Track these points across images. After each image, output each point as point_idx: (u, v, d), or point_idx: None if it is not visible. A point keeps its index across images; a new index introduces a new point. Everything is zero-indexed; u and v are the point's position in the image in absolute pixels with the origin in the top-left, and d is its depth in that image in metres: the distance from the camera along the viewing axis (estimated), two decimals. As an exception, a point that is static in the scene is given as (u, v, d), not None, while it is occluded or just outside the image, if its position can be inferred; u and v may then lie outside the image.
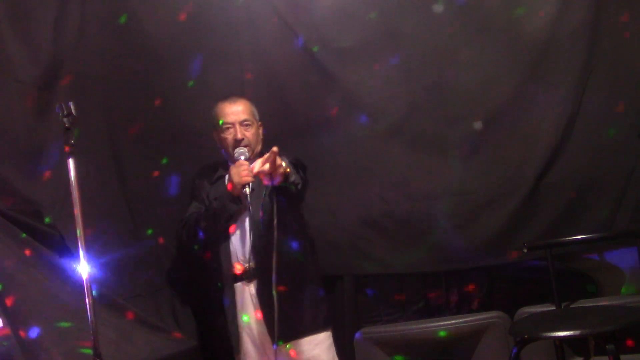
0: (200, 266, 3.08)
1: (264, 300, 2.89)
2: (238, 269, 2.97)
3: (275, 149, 2.67)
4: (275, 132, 3.36)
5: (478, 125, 3.22)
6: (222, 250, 2.98)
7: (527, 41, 3.16)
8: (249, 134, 3.05)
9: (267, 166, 2.70)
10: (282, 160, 2.77)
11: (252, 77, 3.39)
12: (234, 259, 2.98)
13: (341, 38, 3.29)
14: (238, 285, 2.97)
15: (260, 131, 3.13)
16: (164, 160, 3.33)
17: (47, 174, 2.70)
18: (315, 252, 3.17)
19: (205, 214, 3.01)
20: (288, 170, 2.80)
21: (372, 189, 3.34)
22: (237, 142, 3.01)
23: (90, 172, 2.84)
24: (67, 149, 2.23)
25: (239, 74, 3.39)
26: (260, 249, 2.91)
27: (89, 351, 2.17)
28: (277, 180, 2.74)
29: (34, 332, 2.31)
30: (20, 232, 2.48)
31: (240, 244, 2.97)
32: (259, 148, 3.09)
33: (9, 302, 2.29)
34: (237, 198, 2.92)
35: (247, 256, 2.94)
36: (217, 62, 3.36)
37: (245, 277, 2.96)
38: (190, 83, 3.34)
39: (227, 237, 2.99)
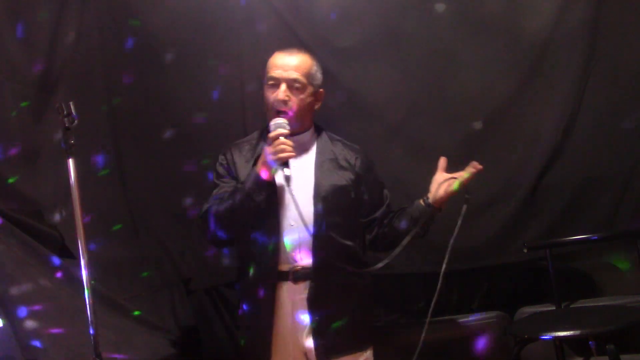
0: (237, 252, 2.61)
1: (313, 306, 2.43)
2: (285, 266, 2.45)
3: (478, 166, 2.31)
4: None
5: (478, 125, 3.22)
6: (269, 241, 2.42)
7: (527, 41, 3.16)
8: (297, 99, 2.46)
9: (441, 190, 2.34)
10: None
11: (252, 77, 3.39)
12: (281, 254, 2.44)
13: (341, 38, 3.29)
14: (281, 284, 2.46)
15: (318, 103, 2.55)
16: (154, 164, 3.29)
17: (47, 174, 2.70)
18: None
19: (231, 193, 2.42)
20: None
21: (372, 189, 3.33)
22: (278, 105, 2.44)
23: (90, 172, 2.84)
24: (67, 149, 2.22)
25: (238, 74, 3.39)
26: (311, 246, 2.42)
27: (88, 351, 2.16)
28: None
29: (33, 332, 2.31)
30: (20, 232, 2.48)
31: (291, 237, 2.44)
32: (306, 120, 2.54)
33: (9, 302, 2.29)
34: (267, 184, 2.37)
35: (299, 253, 2.44)
36: (217, 62, 3.36)
37: (293, 277, 2.45)
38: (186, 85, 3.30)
39: (274, 223, 2.42)
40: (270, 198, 2.41)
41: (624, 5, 3.08)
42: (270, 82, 2.50)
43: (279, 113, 2.45)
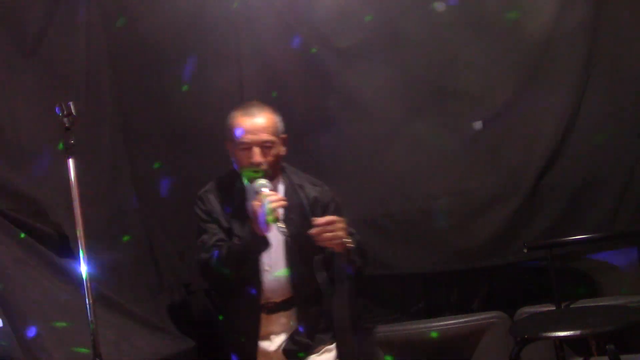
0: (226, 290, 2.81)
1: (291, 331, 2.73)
2: (271, 300, 2.71)
3: (331, 219, 2.51)
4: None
5: (478, 125, 3.22)
6: (254, 279, 2.67)
7: (527, 41, 3.16)
8: (269, 157, 2.64)
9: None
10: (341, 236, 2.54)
11: (252, 77, 3.40)
12: (267, 291, 2.70)
13: (341, 38, 3.29)
14: (266, 315, 2.72)
15: (282, 149, 2.74)
16: (157, 165, 3.30)
17: (47, 174, 2.70)
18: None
19: (227, 254, 2.62)
20: (348, 245, 2.58)
21: (372, 189, 3.34)
22: (253, 166, 2.62)
23: (91, 172, 2.84)
24: (67, 149, 2.22)
25: (238, 74, 3.39)
26: (297, 282, 2.70)
27: (87, 350, 2.17)
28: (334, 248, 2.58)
29: (33, 332, 2.31)
30: (19, 232, 2.48)
31: (269, 276, 2.69)
32: (277, 170, 2.75)
33: (8, 302, 2.29)
34: (264, 238, 2.57)
35: (280, 289, 2.70)
36: (216, 62, 3.36)
37: (278, 308, 2.71)
38: (184, 87, 3.30)
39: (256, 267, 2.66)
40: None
41: (624, 5, 3.08)
42: (242, 147, 2.64)
43: (255, 171, 2.62)
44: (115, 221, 3.09)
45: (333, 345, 2.84)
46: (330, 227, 2.52)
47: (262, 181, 2.57)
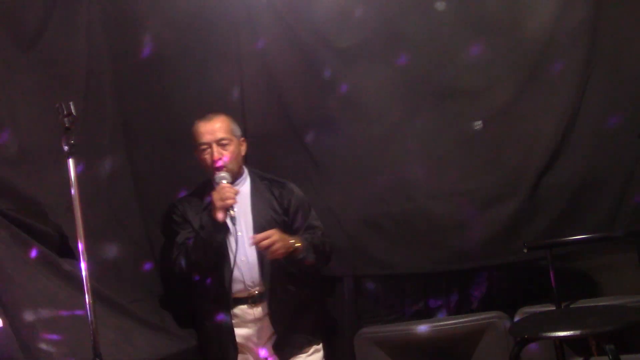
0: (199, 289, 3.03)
1: (264, 322, 2.95)
2: (242, 292, 2.95)
3: (266, 234, 2.79)
4: (275, 132, 3.36)
5: (478, 125, 3.22)
6: (225, 274, 2.92)
7: (528, 41, 3.16)
8: (228, 152, 2.95)
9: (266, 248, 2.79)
10: (287, 242, 2.83)
11: (252, 77, 3.39)
12: (237, 283, 2.94)
13: (341, 38, 3.29)
14: (239, 307, 2.96)
15: (243, 148, 3.05)
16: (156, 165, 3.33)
17: (47, 174, 2.70)
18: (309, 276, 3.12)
19: (194, 244, 2.90)
20: (296, 247, 2.86)
21: (372, 189, 3.33)
22: (215, 163, 2.92)
23: (91, 172, 2.84)
24: (67, 149, 2.22)
25: (238, 74, 3.39)
26: (264, 274, 2.93)
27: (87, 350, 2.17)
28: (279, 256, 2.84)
29: (33, 332, 2.31)
30: (20, 232, 2.48)
31: (245, 269, 2.94)
32: (239, 167, 3.03)
33: (9, 302, 2.29)
34: (223, 225, 2.85)
35: (253, 281, 2.94)
36: (216, 62, 3.36)
37: (250, 301, 2.95)
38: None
39: (228, 261, 2.92)
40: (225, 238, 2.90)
41: (624, 5, 3.08)
42: (203, 147, 2.96)
43: (218, 169, 2.92)
44: (115, 221, 3.09)
45: (321, 346, 3.03)
46: (266, 242, 2.79)
47: (223, 174, 2.90)
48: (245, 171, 3.09)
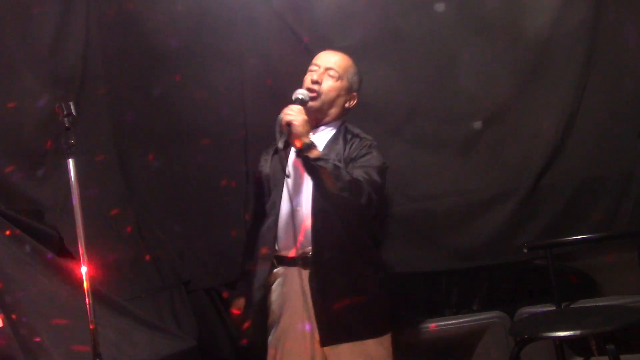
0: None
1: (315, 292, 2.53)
2: (289, 251, 2.59)
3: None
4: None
5: (478, 125, 3.22)
6: (272, 223, 2.59)
7: (527, 41, 3.16)
8: (327, 83, 2.66)
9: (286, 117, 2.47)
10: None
11: (252, 77, 3.39)
12: (285, 239, 2.60)
13: (341, 38, 3.29)
14: (282, 269, 2.62)
15: (350, 100, 2.73)
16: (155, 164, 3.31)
17: (48, 174, 2.70)
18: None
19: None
20: (312, 143, 2.47)
21: (372, 189, 3.33)
22: (310, 84, 2.65)
23: (91, 172, 2.84)
24: (67, 149, 2.22)
25: (239, 74, 3.39)
26: (315, 231, 2.53)
27: (87, 350, 2.17)
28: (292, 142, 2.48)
29: (33, 332, 2.31)
30: (20, 232, 2.48)
31: (297, 220, 2.58)
32: (333, 111, 2.70)
33: (8, 301, 2.29)
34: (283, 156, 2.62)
35: (303, 238, 2.56)
36: (217, 62, 3.36)
37: (299, 262, 2.58)
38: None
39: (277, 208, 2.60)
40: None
41: (624, 5, 3.07)
42: (312, 69, 2.71)
43: (310, 91, 2.64)
44: (115, 221, 3.09)
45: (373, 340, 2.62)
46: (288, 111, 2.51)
47: (302, 90, 2.62)
48: (339, 122, 2.76)
